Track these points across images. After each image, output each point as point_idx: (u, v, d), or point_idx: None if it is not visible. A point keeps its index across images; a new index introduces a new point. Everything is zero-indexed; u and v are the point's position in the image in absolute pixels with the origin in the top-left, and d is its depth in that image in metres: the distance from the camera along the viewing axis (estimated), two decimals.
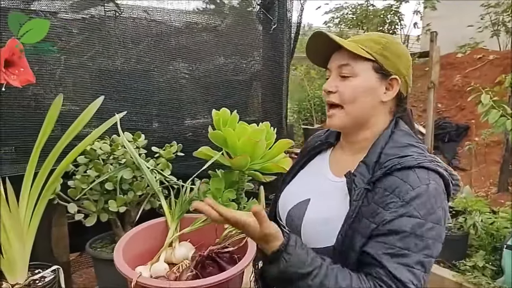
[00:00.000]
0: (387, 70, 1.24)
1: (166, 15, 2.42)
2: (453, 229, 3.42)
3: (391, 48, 1.26)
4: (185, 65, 2.50)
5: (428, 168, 1.15)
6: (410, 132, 1.30)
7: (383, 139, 1.25)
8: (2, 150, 1.88)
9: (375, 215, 1.11)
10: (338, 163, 1.37)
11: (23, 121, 1.91)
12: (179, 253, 1.45)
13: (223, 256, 1.42)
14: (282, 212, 1.40)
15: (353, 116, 1.25)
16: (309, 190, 1.36)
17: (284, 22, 2.54)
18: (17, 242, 1.64)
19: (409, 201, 1.09)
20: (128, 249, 1.42)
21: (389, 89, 1.26)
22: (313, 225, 1.26)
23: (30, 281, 1.67)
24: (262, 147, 2.00)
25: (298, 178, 1.46)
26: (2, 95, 1.86)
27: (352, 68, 1.23)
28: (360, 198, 1.15)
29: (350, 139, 1.34)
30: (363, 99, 1.24)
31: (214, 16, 2.53)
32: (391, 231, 1.09)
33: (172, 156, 2.05)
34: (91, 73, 2.18)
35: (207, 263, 1.39)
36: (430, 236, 1.10)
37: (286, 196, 1.42)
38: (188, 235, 1.56)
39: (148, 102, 2.37)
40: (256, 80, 2.66)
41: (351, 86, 1.23)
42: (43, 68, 2.00)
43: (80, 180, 1.80)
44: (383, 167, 1.16)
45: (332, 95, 1.26)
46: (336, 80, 1.26)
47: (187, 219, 1.61)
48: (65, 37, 2.06)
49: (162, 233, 1.55)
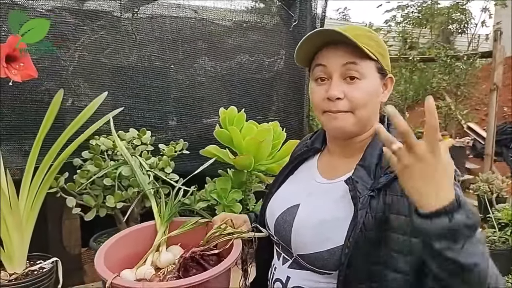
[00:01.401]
0: (384, 69, 1.15)
1: (185, 12, 2.42)
2: (497, 242, 3.16)
3: (382, 45, 1.16)
4: (205, 64, 2.48)
5: None
6: None
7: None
8: (7, 143, 1.94)
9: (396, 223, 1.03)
10: (328, 167, 1.29)
11: (34, 116, 1.96)
12: (164, 257, 1.41)
13: (209, 259, 1.36)
14: (270, 220, 1.33)
15: (363, 121, 1.15)
16: (298, 195, 1.28)
17: (306, 18, 2.45)
18: (16, 233, 1.69)
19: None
20: (114, 251, 1.39)
21: (384, 88, 1.18)
22: (305, 229, 1.19)
23: (28, 271, 1.71)
24: (268, 147, 1.93)
25: (286, 185, 1.38)
26: (14, 89, 1.93)
27: (361, 68, 1.11)
28: (364, 206, 1.06)
29: (345, 143, 1.24)
30: (371, 103, 1.14)
31: (234, 13, 2.48)
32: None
33: (174, 154, 2.03)
34: (108, 70, 2.22)
35: (190, 265, 1.34)
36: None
37: (273, 204, 1.35)
38: (179, 239, 1.51)
39: (167, 99, 2.38)
40: (277, 79, 2.59)
41: (361, 90, 1.11)
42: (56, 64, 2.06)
43: (80, 175, 1.83)
44: (388, 172, 1.06)
45: (340, 102, 1.11)
46: (342, 85, 1.11)
47: (177, 222, 1.56)
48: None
49: (152, 237, 1.52)
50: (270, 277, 1.33)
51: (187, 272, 1.32)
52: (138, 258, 1.46)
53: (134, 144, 1.99)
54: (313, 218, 1.17)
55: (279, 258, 1.30)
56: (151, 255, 1.41)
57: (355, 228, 1.06)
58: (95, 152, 1.89)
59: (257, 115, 2.56)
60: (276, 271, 1.30)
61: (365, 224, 1.05)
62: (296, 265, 1.23)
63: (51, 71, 2.04)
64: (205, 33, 2.43)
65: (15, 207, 1.67)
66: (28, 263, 1.75)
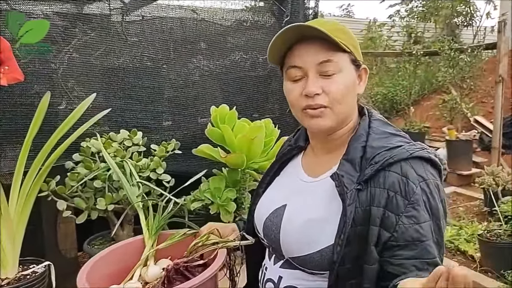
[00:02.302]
0: (358, 60, 1.13)
1: (179, 12, 2.40)
2: (502, 235, 3.11)
3: (352, 36, 1.15)
4: (198, 63, 2.46)
5: (422, 158, 1.05)
6: (385, 120, 1.19)
7: (363, 131, 1.13)
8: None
9: (384, 220, 1.01)
10: (312, 165, 1.27)
11: (25, 119, 1.95)
12: (152, 271, 1.37)
13: (194, 270, 1.33)
14: (259, 223, 1.30)
15: (342, 115, 1.13)
16: (284, 196, 1.26)
17: (299, 14, 2.42)
18: (7, 238, 1.68)
19: (416, 201, 1.01)
20: (101, 267, 1.37)
21: (360, 80, 1.16)
22: (293, 231, 1.16)
23: (20, 276, 1.70)
24: (260, 144, 1.91)
25: (272, 186, 1.36)
26: (3, 93, 1.92)
27: (337, 64, 1.09)
28: (353, 201, 1.04)
29: (326, 139, 1.21)
30: (349, 96, 1.12)
31: (225, 11, 2.46)
32: (411, 241, 1.00)
33: (166, 155, 2.01)
34: (99, 71, 2.21)
35: (174, 278, 1.32)
36: (442, 233, 1.04)
37: (261, 206, 1.32)
38: (169, 252, 1.46)
39: (160, 99, 2.36)
40: (271, 76, 2.56)
41: (338, 83, 1.09)
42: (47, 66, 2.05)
43: (70, 177, 1.81)
44: (373, 163, 1.05)
45: (318, 97, 1.10)
46: (318, 80, 1.09)
47: (166, 235, 1.53)
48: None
49: (140, 251, 1.47)
50: (261, 277, 1.30)
51: (171, 284, 1.29)
52: (127, 273, 1.43)
53: (125, 145, 1.97)
54: (299, 219, 1.15)
55: (270, 258, 1.28)
56: (138, 270, 1.36)
57: (345, 225, 1.03)
58: (85, 154, 1.88)
59: (253, 113, 2.54)
60: (267, 271, 1.27)
61: (354, 220, 1.03)
62: (288, 265, 1.20)
63: (41, 74, 2.03)
64: (197, 32, 2.41)
65: (5, 212, 1.66)
66: (21, 268, 1.75)
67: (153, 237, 1.46)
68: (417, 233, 0.99)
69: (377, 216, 1.02)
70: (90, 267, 1.30)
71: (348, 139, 1.15)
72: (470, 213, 4.62)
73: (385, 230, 1.01)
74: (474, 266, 3.26)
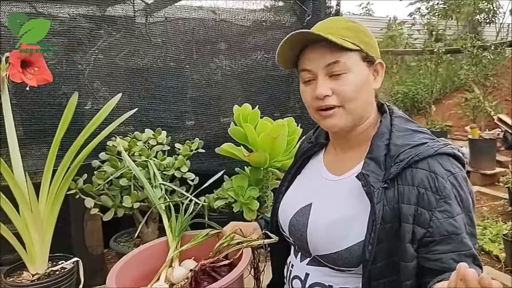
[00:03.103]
0: (371, 56, 1.14)
1: (201, 13, 2.43)
2: None
3: (365, 31, 1.15)
4: (220, 63, 2.49)
5: (447, 154, 1.06)
6: (406, 116, 1.20)
7: (385, 129, 1.14)
8: (27, 147, 1.99)
9: (418, 217, 1.02)
10: (334, 162, 1.28)
11: (53, 119, 2.00)
12: (178, 272, 1.39)
13: (220, 270, 1.35)
14: (284, 222, 1.32)
15: (355, 113, 1.15)
16: (309, 194, 1.27)
17: (320, 12, 2.43)
18: (37, 235, 1.72)
19: (448, 195, 1.01)
20: (127, 270, 1.39)
21: (376, 75, 1.17)
22: (320, 230, 1.18)
23: (50, 272, 1.74)
24: (282, 143, 1.92)
25: (295, 184, 1.37)
26: (32, 94, 1.98)
27: (345, 64, 1.10)
28: (380, 199, 1.05)
29: (345, 136, 1.23)
30: (362, 94, 1.13)
31: (248, 12, 2.48)
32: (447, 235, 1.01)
33: (190, 153, 2.03)
34: (124, 72, 2.25)
35: (201, 278, 1.34)
36: (474, 224, 1.05)
37: (285, 205, 1.34)
38: (192, 252, 1.48)
39: (183, 99, 2.39)
40: (293, 75, 2.57)
41: (348, 83, 1.11)
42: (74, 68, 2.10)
43: (97, 176, 1.85)
44: (399, 161, 1.06)
45: (328, 98, 1.12)
46: (327, 82, 1.12)
47: (189, 236, 1.53)
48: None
49: (164, 252, 1.50)
50: (287, 275, 1.32)
51: (199, 285, 1.31)
52: (152, 275, 1.45)
53: (150, 144, 2.01)
54: (326, 218, 1.16)
55: (297, 256, 1.29)
56: (164, 271, 1.39)
57: (374, 223, 1.04)
58: (111, 153, 1.92)
59: (274, 112, 2.55)
60: (293, 268, 1.28)
61: (383, 218, 1.04)
62: (315, 262, 1.21)
63: (68, 75, 2.08)
64: (219, 32, 2.44)
65: (35, 210, 1.70)
66: (50, 264, 1.79)
67: (177, 238, 1.49)
68: (452, 227, 1.00)
69: (409, 214, 1.02)
70: (117, 270, 1.33)
71: (369, 136, 1.16)
72: (495, 213, 4.55)
73: (419, 226, 1.02)
74: (499, 266, 3.22)
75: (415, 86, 9.17)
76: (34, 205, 1.69)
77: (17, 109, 1.96)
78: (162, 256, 1.48)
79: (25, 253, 1.72)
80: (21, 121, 2.01)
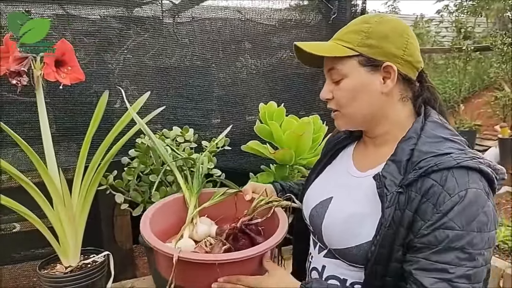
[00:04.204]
0: (375, 59, 1.13)
1: (226, 13, 2.46)
2: None
3: (376, 32, 1.13)
4: (246, 62, 2.51)
5: (468, 168, 1.02)
6: (444, 123, 1.16)
7: (414, 134, 1.13)
8: (60, 144, 2.05)
9: (412, 224, 1.04)
10: (361, 158, 1.31)
11: (84, 117, 2.07)
12: (201, 229, 1.41)
13: (251, 228, 1.38)
14: (306, 211, 1.36)
15: (353, 118, 1.20)
16: (332, 188, 1.31)
17: (346, 11, 2.43)
18: (69, 229, 1.78)
19: (446, 212, 0.99)
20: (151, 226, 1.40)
21: (387, 78, 1.14)
22: (334, 223, 1.21)
23: (82, 264, 1.80)
24: (308, 140, 1.93)
25: (323, 175, 1.41)
26: (65, 93, 2.05)
27: (340, 70, 1.15)
28: (393, 203, 1.06)
29: (369, 134, 1.27)
30: (358, 99, 1.16)
31: (273, 11, 2.50)
32: (427, 244, 1.01)
33: (216, 150, 2.07)
34: (152, 71, 2.30)
35: (239, 236, 1.36)
36: (474, 245, 0.98)
37: (309, 195, 1.38)
38: (206, 210, 1.52)
39: (209, 98, 2.43)
40: (318, 73, 2.58)
41: (343, 89, 1.17)
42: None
43: (127, 172, 1.90)
44: (418, 168, 1.05)
45: (330, 102, 1.22)
46: (330, 86, 1.21)
47: (204, 193, 1.57)
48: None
49: (180, 209, 1.53)
50: (308, 265, 1.35)
51: (237, 242, 1.33)
52: (169, 232, 1.46)
53: (177, 141, 2.05)
54: (342, 213, 1.19)
55: (315, 247, 1.32)
56: (187, 229, 1.40)
57: (381, 226, 1.05)
58: (140, 150, 1.97)
59: (300, 110, 2.57)
60: (312, 260, 1.33)
61: (394, 221, 1.05)
62: (331, 254, 1.24)
63: (99, 74, 2.13)
64: (244, 31, 2.46)
65: (68, 204, 1.76)
66: (82, 257, 1.84)
67: (196, 195, 1.51)
68: (433, 238, 1.00)
69: (407, 219, 1.03)
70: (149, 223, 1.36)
71: (397, 137, 1.16)
72: None
73: (411, 232, 1.03)
74: None
75: (442, 85, 9.00)
76: (67, 199, 1.75)
77: (50, 108, 2.03)
78: (178, 213, 1.51)
79: (58, 246, 1.78)
80: (54, 119, 2.07)
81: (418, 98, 1.19)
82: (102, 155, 1.81)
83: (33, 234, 1.84)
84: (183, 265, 1.15)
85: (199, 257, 1.20)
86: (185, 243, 1.36)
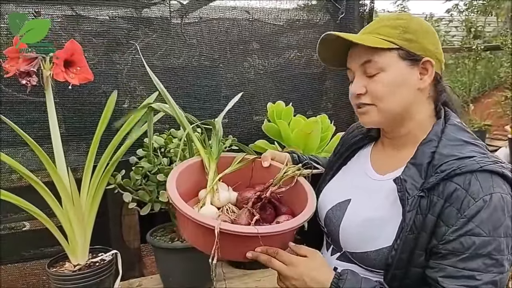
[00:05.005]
0: (415, 54, 1.11)
1: (234, 13, 2.47)
2: None
3: (412, 27, 1.13)
4: (254, 62, 2.52)
5: (492, 172, 1.00)
6: (464, 126, 1.15)
7: (434, 136, 1.11)
8: (69, 143, 2.07)
9: (435, 229, 1.02)
10: (380, 160, 1.28)
11: (93, 117, 2.08)
12: (223, 196, 1.36)
13: (276, 197, 1.37)
14: (321, 212, 1.34)
15: (389, 113, 1.15)
16: (350, 189, 1.28)
17: (354, 10, 2.42)
18: (78, 227, 1.80)
19: (471, 217, 0.97)
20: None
21: (424, 73, 1.13)
22: (353, 227, 1.20)
23: (90, 263, 1.81)
24: (316, 139, 1.93)
25: (338, 176, 1.39)
26: (74, 93, 2.06)
27: (377, 63, 1.12)
28: (414, 207, 1.04)
29: (390, 135, 1.24)
30: (397, 93, 1.12)
31: (281, 11, 2.50)
32: (453, 251, 0.99)
33: (224, 150, 2.07)
34: (159, 71, 2.31)
35: (266, 205, 1.35)
36: (501, 251, 0.98)
37: (324, 196, 1.36)
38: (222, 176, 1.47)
39: (217, 98, 2.44)
40: (326, 73, 2.58)
41: (381, 83, 1.12)
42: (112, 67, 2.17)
43: (135, 172, 1.91)
44: (439, 171, 1.03)
45: (362, 97, 1.16)
46: (362, 80, 1.15)
47: (222, 158, 1.51)
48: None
49: (198, 173, 1.47)
50: None
51: (264, 211, 1.32)
52: (188, 196, 1.40)
53: (185, 141, 2.05)
54: (361, 217, 1.17)
55: (328, 249, 1.30)
56: (209, 195, 1.36)
57: (403, 231, 1.04)
58: (148, 149, 1.98)
59: (307, 110, 2.57)
60: None
61: (416, 225, 1.03)
62: (344, 258, 1.23)
63: (107, 74, 2.15)
64: (252, 31, 2.47)
65: (77, 203, 1.77)
66: (91, 255, 1.86)
67: (215, 160, 1.45)
68: (459, 245, 0.98)
69: (430, 224, 1.02)
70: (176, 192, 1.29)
71: (418, 139, 1.15)
72: None
73: (434, 238, 1.02)
74: None
75: (452, 84, 8.93)
76: (76, 198, 1.77)
77: (59, 107, 2.05)
78: (195, 177, 1.45)
79: (67, 245, 1.80)
80: (64, 119, 2.09)
81: (440, 97, 1.19)
82: (111, 155, 1.82)
83: (42, 232, 1.86)
84: (220, 236, 1.11)
85: (241, 229, 1.15)
86: (209, 209, 1.31)
